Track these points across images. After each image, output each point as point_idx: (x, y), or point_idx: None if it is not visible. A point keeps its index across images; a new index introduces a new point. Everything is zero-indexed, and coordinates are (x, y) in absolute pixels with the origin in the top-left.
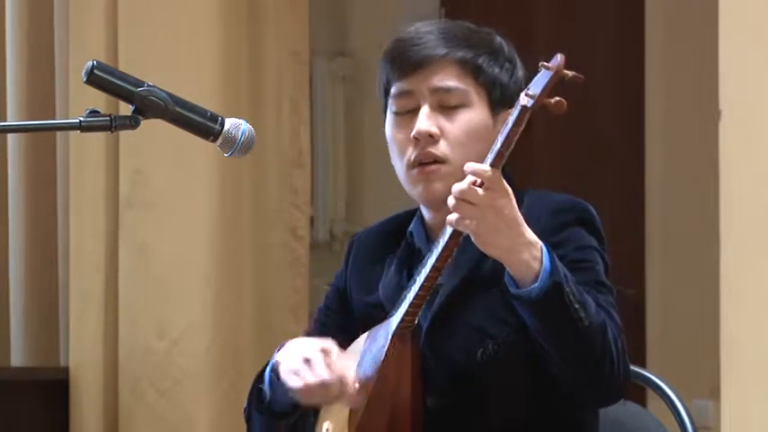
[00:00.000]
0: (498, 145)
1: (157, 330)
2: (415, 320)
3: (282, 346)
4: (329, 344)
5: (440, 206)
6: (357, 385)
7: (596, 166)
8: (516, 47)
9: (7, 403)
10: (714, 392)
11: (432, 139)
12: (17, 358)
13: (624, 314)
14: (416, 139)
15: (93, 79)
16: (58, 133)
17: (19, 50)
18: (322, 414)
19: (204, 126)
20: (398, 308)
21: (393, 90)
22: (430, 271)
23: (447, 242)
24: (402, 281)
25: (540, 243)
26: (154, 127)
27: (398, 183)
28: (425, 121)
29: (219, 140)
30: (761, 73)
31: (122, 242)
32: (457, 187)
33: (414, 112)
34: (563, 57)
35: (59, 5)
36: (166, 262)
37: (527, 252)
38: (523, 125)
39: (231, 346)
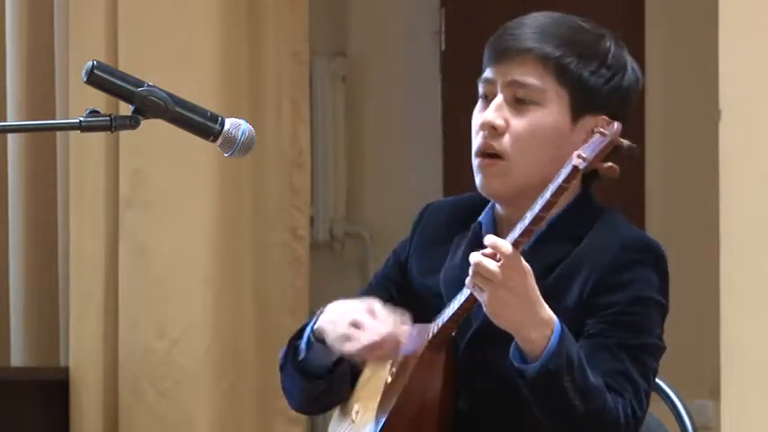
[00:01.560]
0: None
1: (157, 330)
2: (453, 332)
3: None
4: (372, 303)
5: (507, 201)
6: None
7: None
8: None
9: (7, 403)
10: (714, 392)
11: (495, 131)
12: (17, 358)
13: None
14: (482, 129)
15: (93, 79)
16: (58, 133)
17: (19, 50)
18: (356, 393)
19: (204, 126)
20: (441, 315)
21: (483, 75)
22: (471, 293)
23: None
24: (464, 273)
25: (556, 321)
26: (154, 127)
27: (398, 182)
28: (492, 112)
29: (219, 140)
30: (761, 73)
31: (122, 242)
32: (475, 257)
33: (492, 99)
34: (620, 125)
35: (59, 5)
36: (166, 262)
37: (538, 331)
38: (571, 184)
39: (231, 346)
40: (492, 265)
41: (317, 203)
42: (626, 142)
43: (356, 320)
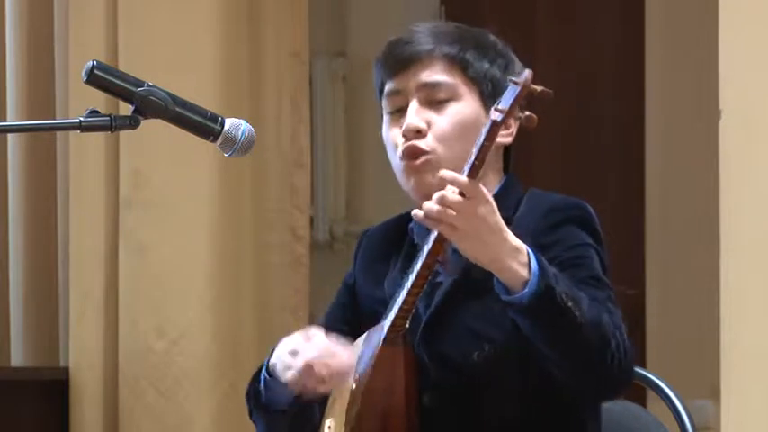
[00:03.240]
0: (473, 158)
1: (157, 330)
2: (405, 324)
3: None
4: (312, 331)
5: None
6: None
7: (596, 167)
8: (517, 47)
9: (7, 403)
10: (714, 392)
11: (420, 134)
12: (17, 358)
13: (624, 314)
14: (405, 135)
15: (93, 79)
16: (58, 133)
17: (19, 50)
18: (326, 411)
19: (204, 126)
20: (389, 312)
21: (385, 90)
22: (415, 278)
23: (431, 248)
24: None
25: (526, 247)
26: (154, 127)
27: (398, 183)
28: (413, 116)
29: (219, 140)
30: (761, 73)
31: (122, 242)
32: (438, 194)
33: (404, 110)
34: (531, 72)
35: (59, 5)
36: (166, 262)
37: (513, 259)
38: (495, 138)
39: (231, 346)
40: (458, 197)
41: (317, 203)
42: (539, 88)
43: (293, 348)
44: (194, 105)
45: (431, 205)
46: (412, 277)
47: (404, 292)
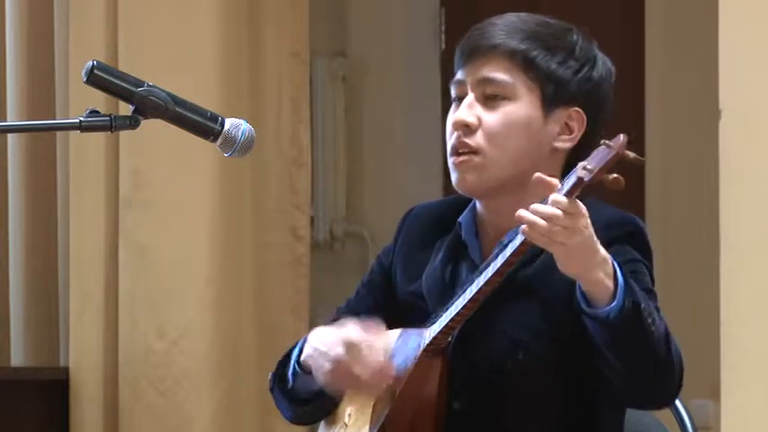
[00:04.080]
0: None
1: (157, 330)
2: (448, 338)
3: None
4: (347, 326)
5: (485, 197)
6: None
7: None
8: None
9: (7, 403)
10: (714, 392)
11: (468, 129)
12: (17, 358)
13: None
14: (455, 129)
15: (93, 79)
16: (58, 133)
17: (19, 50)
18: (346, 398)
19: (204, 126)
20: (439, 318)
21: (454, 77)
22: (483, 285)
23: (507, 258)
24: (445, 274)
25: (611, 259)
26: (154, 127)
27: (398, 182)
28: (464, 110)
29: (219, 140)
30: (761, 73)
31: (122, 242)
32: (545, 211)
33: (464, 100)
34: (626, 137)
35: (59, 6)
36: (166, 262)
37: (601, 270)
38: (576, 193)
39: (231, 346)
40: (560, 212)
41: (317, 203)
42: (631, 154)
43: (328, 346)
44: (194, 105)
45: (537, 220)
46: (476, 286)
47: (458, 305)
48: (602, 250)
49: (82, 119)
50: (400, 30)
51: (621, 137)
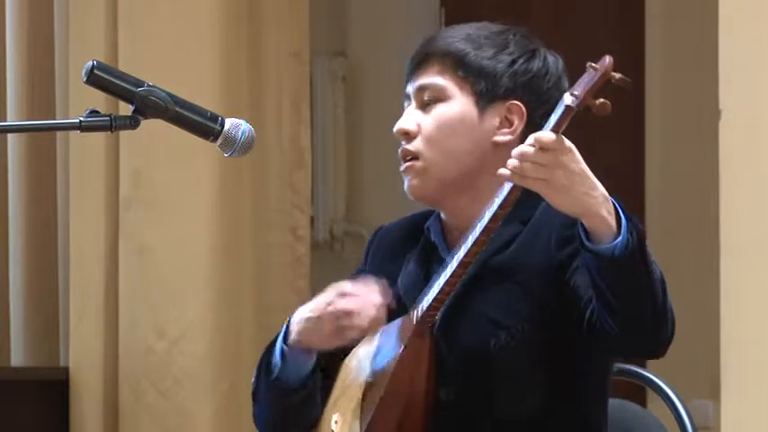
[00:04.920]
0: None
1: (157, 330)
2: (437, 314)
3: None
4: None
5: (435, 201)
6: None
7: (596, 167)
8: None
9: (7, 403)
10: (714, 392)
11: (409, 136)
12: (17, 358)
13: None
14: (398, 137)
15: (93, 79)
16: (58, 133)
17: (19, 50)
18: (330, 406)
19: (204, 126)
20: (423, 299)
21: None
22: (464, 256)
23: (495, 212)
24: (421, 274)
25: (611, 198)
26: (154, 127)
27: (398, 182)
28: (404, 118)
29: (219, 140)
30: (761, 73)
31: (122, 242)
32: (518, 150)
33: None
34: (611, 59)
35: (59, 5)
36: (166, 262)
37: (604, 208)
38: (567, 122)
39: (231, 346)
40: (538, 150)
41: (317, 203)
42: (617, 75)
43: (327, 301)
44: (194, 105)
45: (511, 161)
46: (457, 259)
47: (442, 279)
48: (602, 188)
49: (82, 119)
50: (400, 30)
51: (607, 58)
